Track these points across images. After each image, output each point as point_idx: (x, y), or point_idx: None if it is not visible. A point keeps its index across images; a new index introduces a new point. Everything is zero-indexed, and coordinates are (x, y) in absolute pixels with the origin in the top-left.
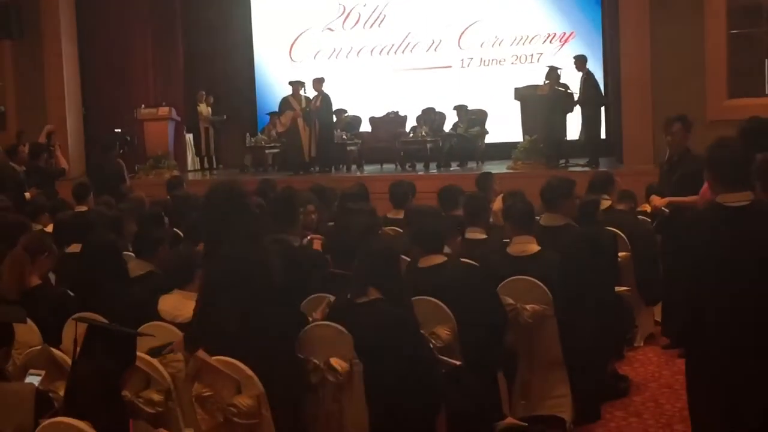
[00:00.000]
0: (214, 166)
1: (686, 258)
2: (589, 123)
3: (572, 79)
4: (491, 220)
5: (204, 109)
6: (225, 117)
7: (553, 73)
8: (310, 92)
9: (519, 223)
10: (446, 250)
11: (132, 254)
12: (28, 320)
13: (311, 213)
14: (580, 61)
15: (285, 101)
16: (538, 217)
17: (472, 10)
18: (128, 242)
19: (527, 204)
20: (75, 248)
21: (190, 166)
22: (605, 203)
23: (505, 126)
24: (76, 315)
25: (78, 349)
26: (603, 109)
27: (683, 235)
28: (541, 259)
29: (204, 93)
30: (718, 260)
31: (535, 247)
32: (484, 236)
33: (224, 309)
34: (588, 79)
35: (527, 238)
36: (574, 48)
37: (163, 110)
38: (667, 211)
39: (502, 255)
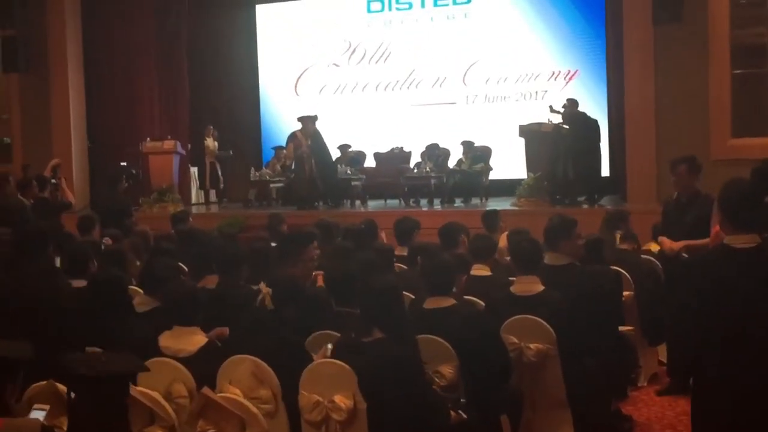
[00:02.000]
0: (221, 200)
1: (692, 299)
2: (580, 162)
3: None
4: (496, 256)
5: (210, 143)
6: (231, 152)
7: (571, 105)
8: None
9: (524, 262)
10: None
11: (138, 289)
12: None
13: (314, 249)
14: (572, 105)
15: (292, 135)
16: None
17: (477, 47)
18: (132, 276)
19: (533, 243)
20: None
21: (194, 200)
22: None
23: (510, 163)
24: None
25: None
26: (607, 146)
27: (690, 276)
28: (545, 298)
29: (211, 127)
30: (724, 303)
31: (539, 287)
32: (488, 273)
33: None
34: (574, 121)
35: (532, 278)
36: (578, 85)
37: (168, 144)
38: (686, 255)
39: (506, 294)
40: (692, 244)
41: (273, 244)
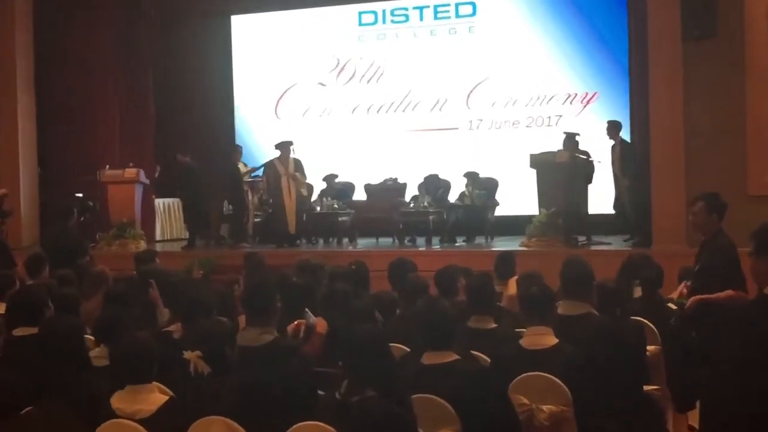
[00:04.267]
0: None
1: (726, 355)
2: (635, 196)
3: (593, 145)
4: (504, 304)
5: (243, 167)
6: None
7: (570, 141)
8: (299, 154)
9: (534, 311)
10: None
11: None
12: None
13: None
14: (614, 128)
15: (269, 164)
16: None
17: (482, 66)
18: (87, 324)
19: (544, 289)
20: (23, 331)
21: (159, 236)
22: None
23: (519, 197)
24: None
25: None
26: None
27: (723, 329)
28: (560, 353)
29: (241, 147)
30: (761, 358)
31: (552, 340)
32: (492, 326)
33: None
34: (624, 149)
35: (543, 329)
36: (597, 110)
37: (130, 172)
38: (681, 305)
39: (514, 348)
40: (697, 299)
41: None
